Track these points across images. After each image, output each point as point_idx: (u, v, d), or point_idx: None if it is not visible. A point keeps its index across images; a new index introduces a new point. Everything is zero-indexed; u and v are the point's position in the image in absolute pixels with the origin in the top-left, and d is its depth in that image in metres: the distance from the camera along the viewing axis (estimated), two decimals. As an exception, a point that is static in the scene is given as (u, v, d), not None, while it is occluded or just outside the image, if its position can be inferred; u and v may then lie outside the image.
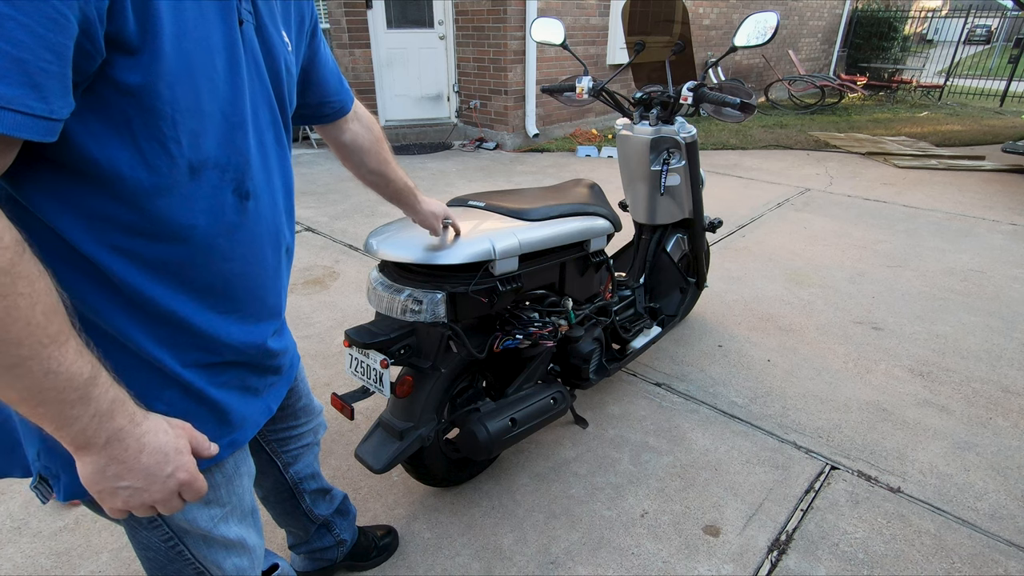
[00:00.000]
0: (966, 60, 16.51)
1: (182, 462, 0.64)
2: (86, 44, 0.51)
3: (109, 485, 0.60)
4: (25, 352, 0.50)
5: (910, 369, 2.37)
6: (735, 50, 1.83)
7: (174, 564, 0.84)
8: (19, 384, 0.51)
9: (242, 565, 0.90)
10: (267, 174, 0.76)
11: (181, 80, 0.59)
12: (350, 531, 1.43)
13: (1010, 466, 1.85)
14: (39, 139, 0.50)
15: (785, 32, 9.48)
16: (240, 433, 0.82)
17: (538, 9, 5.72)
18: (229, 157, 0.67)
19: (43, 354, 0.51)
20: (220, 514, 0.84)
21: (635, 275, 2.34)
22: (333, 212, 4.22)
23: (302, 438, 1.18)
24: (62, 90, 0.50)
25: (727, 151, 6.25)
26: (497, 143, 6.35)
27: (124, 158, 0.58)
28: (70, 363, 0.53)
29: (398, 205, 1.24)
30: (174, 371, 0.70)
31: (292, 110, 0.83)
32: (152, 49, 0.55)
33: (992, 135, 6.81)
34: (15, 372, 0.50)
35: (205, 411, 0.75)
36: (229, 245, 0.71)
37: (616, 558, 1.55)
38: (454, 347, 1.47)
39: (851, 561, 1.53)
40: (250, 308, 0.78)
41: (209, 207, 0.67)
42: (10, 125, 0.47)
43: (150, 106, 0.57)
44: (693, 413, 2.11)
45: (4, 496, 1.71)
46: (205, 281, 0.70)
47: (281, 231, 0.80)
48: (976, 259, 3.44)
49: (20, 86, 0.46)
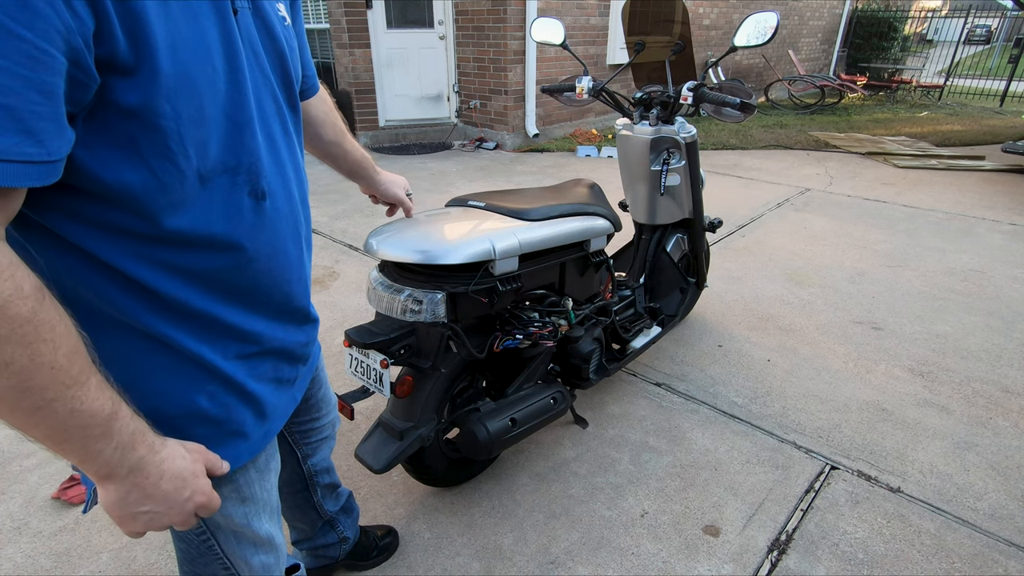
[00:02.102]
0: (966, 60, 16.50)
1: (199, 485, 0.66)
2: (78, 75, 0.49)
3: (130, 511, 0.62)
4: (50, 395, 0.51)
5: (910, 369, 2.37)
6: (735, 50, 1.83)
7: (204, 558, 0.86)
8: (45, 424, 0.53)
9: (268, 562, 0.91)
10: (279, 168, 0.74)
11: (182, 93, 0.57)
12: (353, 529, 1.43)
13: (1010, 466, 1.85)
14: (41, 184, 0.49)
15: (785, 32, 9.48)
16: (272, 423, 0.84)
17: (538, 9, 5.72)
18: (239, 159, 0.66)
19: (67, 395, 0.52)
20: (253, 510, 0.85)
21: (635, 275, 2.34)
22: (333, 212, 4.22)
23: (322, 430, 1.19)
24: (57, 129, 0.48)
25: (727, 151, 6.25)
26: (497, 143, 6.35)
27: (136, 179, 0.57)
28: (92, 400, 0.54)
29: (358, 179, 1.24)
30: (216, 365, 0.72)
31: (299, 87, 0.81)
32: (149, 66, 0.53)
33: (992, 135, 6.80)
34: (41, 414, 0.52)
35: (244, 403, 0.77)
36: (253, 247, 0.71)
37: (616, 558, 1.55)
38: (454, 347, 1.47)
39: (851, 561, 1.53)
40: (279, 301, 0.78)
41: (226, 213, 0.66)
42: (10, 176, 0.46)
43: (154, 124, 0.56)
44: (693, 413, 2.11)
45: (4, 496, 1.71)
46: (233, 283, 0.71)
47: (299, 222, 0.80)
48: (976, 259, 3.44)
49: (13, 134, 0.45)
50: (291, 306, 0.81)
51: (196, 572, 0.88)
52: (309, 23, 6.33)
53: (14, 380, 0.49)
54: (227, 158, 0.65)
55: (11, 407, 0.51)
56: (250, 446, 0.80)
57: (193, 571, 0.88)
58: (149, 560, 1.53)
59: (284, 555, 0.97)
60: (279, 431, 0.88)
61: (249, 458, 0.81)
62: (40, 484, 1.76)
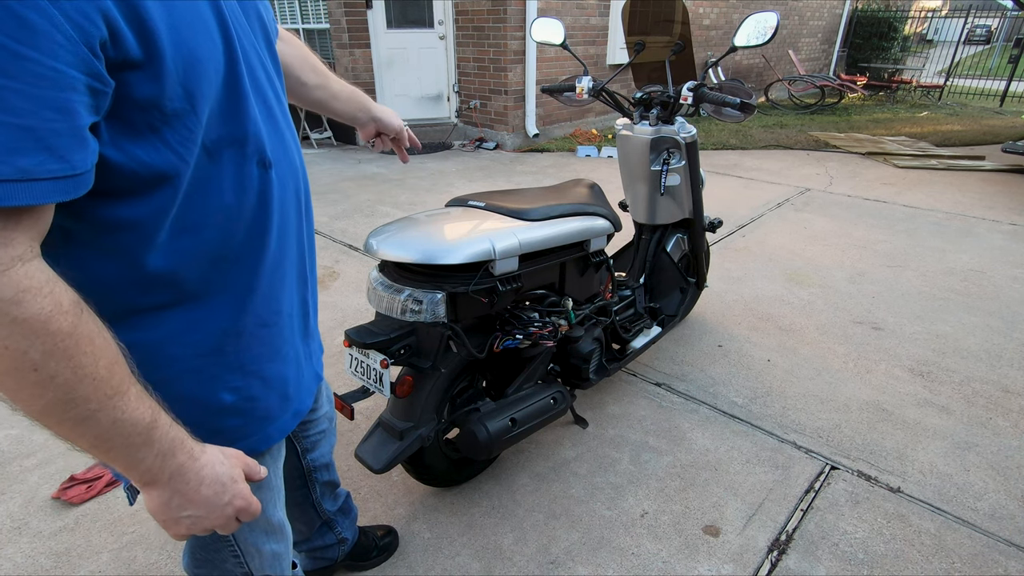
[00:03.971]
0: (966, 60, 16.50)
1: (238, 490, 0.67)
2: (94, 83, 0.49)
3: (173, 515, 0.64)
4: (93, 406, 0.53)
5: (910, 369, 2.37)
6: (735, 50, 1.83)
7: (215, 544, 0.87)
8: (91, 434, 0.55)
9: (279, 551, 0.93)
10: (279, 136, 0.74)
11: (190, 72, 0.57)
12: (351, 530, 1.43)
13: (1010, 466, 1.85)
14: (70, 197, 0.49)
15: (785, 32, 9.48)
16: (299, 403, 0.86)
17: (538, 9, 5.72)
18: (246, 130, 0.66)
19: (109, 405, 0.54)
20: (268, 496, 0.87)
21: (635, 275, 2.34)
22: (333, 212, 4.22)
23: (319, 423, 1.19)
24: (78, 142, 0.49)
25: (727, 151, 6.25)
26: (497, 143, 6.35)
27: (164, 164, 0.58)
28: (132, 410, 0.56)
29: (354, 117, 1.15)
30: (236, 355, 0.73)
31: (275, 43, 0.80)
32: (156, 55, 0.53)
33: (992, 135, 6.80)
34: (86, 424, 0.54)
35: (268, 389, 0.78)
36: (263, 215, 0.71)
37: (616, 558, 1.55)
38: (454, 347, 1.47)
39: (851, 561, 1.53)
40: (287, 271, 0.79)
41: (238, 184, 0.67)
42: (37, 194, 0.47)
43: (172, 109, 0.56)
44: (693, 413, 2.11)
45: (4, 496, 1.71)
46: (238, 253, 0.71)
47: (299, 188, 0.80)
48: (976, 259, 3.44)
49: (35, 153, 0.46)
50: (297, 275, 0.83)
51: (207, 558, 0.89)
52: (309, 23, 6.34)
53: (59, 393, 0.51)
54: (234, 130, 0.65)
55: (58, 419, 0.52)
56: (280, 427, 0.82)
57: (205, 557, 0.89)
58: (149, 560, 1.53)
59: (291, 546, 0.98)
60: (306, 412, 0.89)
61: (264, 448, 0.82)
62: (40, 484, 1.76)
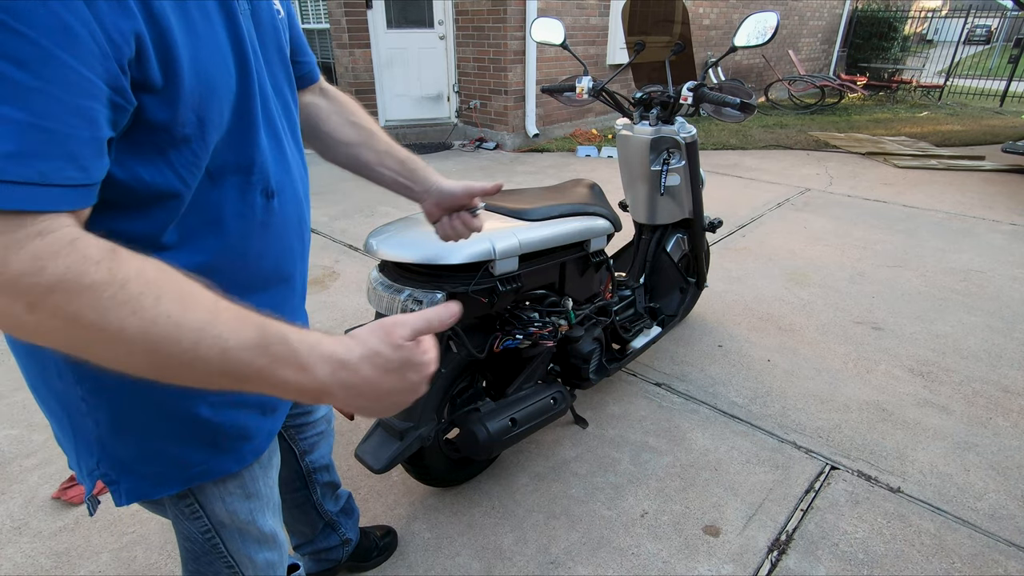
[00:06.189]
0: (966, 60, 16.50)
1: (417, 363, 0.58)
2: (118, 99, 0.49)
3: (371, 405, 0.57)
4: (186, 344, 0.47)
5: (910, 369, 2.37)
6: (735, 50, 1.83)
7: (208, 556, 0.86)
8: (215, 372, 0.49)
9: (272, 560, 0.92)
10: (285, 166, 0.74)
11: (205, 100, 0.57)
12: (354, 531, 1.42)
13: (1010, 466, 1.85)
14: (79, 207, 0.48)
15: (785, 32, 9.48)
16: (275, 420, 0.84)
17: (538, 9, 5.72)
18: (252, 158, 0.66)
19: (205, 336, 0.48)
20: (258, 506, 0.86)
21: (635, 275, 2.34)
22: (333, 212, 4.22)
23: (316, 424, 1.18)
24: (97, 153, 0.49)
25: (727, 151, 6.25)
26: (497, 143, 6.35)
27: (165, 185, 0.58)
28: (233, 333, 0.49)
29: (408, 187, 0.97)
30: None
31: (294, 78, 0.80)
32: (175, 81, 0.53)
33: (992, 135, 6.80)
34: (198, 365, 0.48)
35: (251, 402, 0.77)
36: (263, 244, 0.71)
37: (616, 558, 1.55)
38: (454, 347, 1.47)
39: (851, 561, 1.53)
40: (281, 292, 0.79)
41: (240, 212, 0.67)
42: (53, 200, 0.46)
43: (182, 135, 0.56)
44: (693, 413, 2.11)
45: (4, 496, 1.71)
46: (242, 280, 0.71)
47: (304, 219, 0.80)
48: (976, 259, 3.44)
49: (56, 158, 0.45)
50: (292, 295, 0.82)
51: (200, 571, 0.88)
52: (309, 23, 6.33)
53: (140, 343, 0.46)
54: (240, 157, 0.65)
55: (173, 371, 0.48)
56: (255, 446, 0.80)
57: (197, 570, 0.88)
58: (149, 560, 1.53)
59: (286, 553, 0.97)
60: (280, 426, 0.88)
61: (254, 459, 0.81)
62: (40, 484, 1.76)
